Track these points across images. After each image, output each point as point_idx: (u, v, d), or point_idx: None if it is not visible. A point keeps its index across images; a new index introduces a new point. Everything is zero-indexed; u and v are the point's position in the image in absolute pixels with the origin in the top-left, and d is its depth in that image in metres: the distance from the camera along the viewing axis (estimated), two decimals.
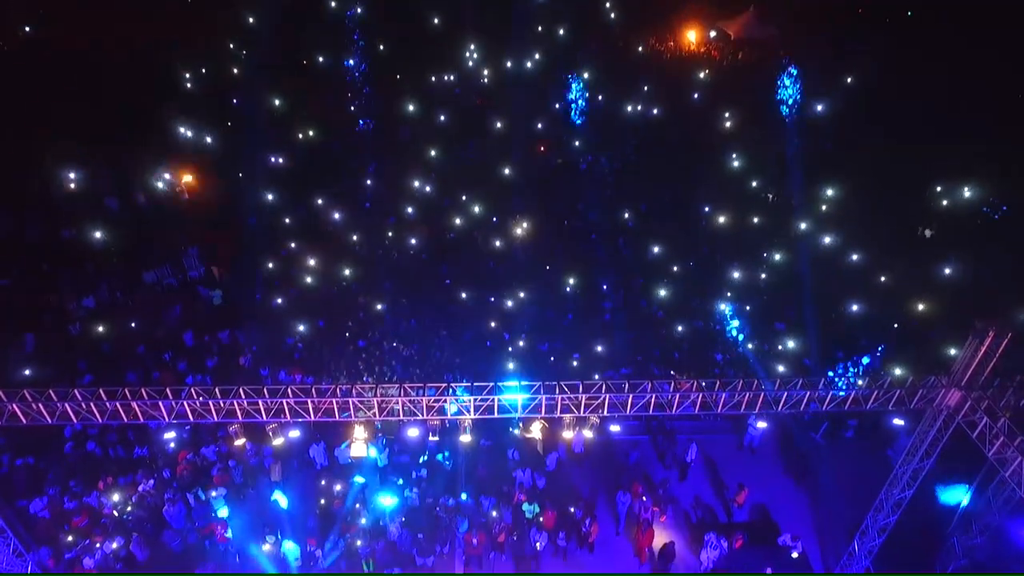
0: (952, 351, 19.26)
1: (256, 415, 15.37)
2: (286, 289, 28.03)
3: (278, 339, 25.87)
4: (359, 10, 53.21)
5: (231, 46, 47.99)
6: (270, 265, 29.31)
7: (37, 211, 30.98)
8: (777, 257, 29.44)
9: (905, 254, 29.04)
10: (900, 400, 15.43)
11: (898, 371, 20.30)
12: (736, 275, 28.43)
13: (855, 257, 28.87)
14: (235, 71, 45.46)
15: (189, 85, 43.16)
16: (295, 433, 18.56)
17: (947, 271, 27.09)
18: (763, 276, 28.96)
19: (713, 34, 54.18)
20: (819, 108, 39.74)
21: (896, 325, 26.01)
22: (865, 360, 24.01)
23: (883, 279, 27.98)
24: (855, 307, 26.51)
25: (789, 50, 47.04)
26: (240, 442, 16.85)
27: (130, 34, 44.36)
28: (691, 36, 54.12)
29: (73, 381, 22.55)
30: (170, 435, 20.57)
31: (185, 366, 24.70)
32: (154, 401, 14.79)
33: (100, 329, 25.41)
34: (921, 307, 25.94)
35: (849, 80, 42.97)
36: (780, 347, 25.63)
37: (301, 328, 25.81)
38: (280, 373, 24.69)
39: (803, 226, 31.17)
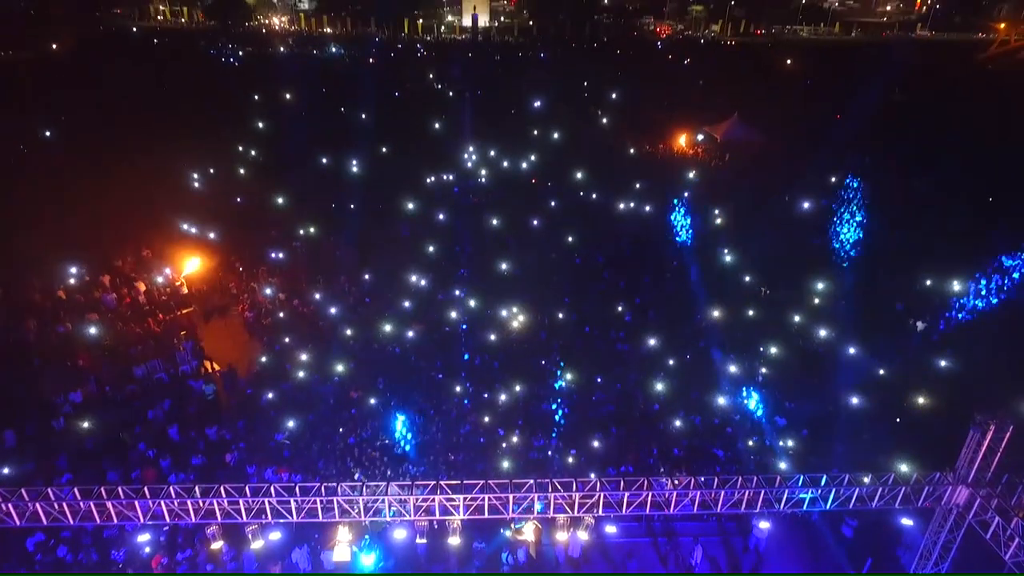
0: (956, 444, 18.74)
1: (236, 515, 14.72)
2: (278, 384, 27.65)
3: (267, 436, 25.18)
4: (364, 115, 56.63)
5: (240, 148, 50.48)
6: (263, 359, 29.18)
7: (34, 309, 31.22)
8: (774, 351, 29.37)
9: (902, 347, 29.09)
10: (906, 498, 14.87)
11: (903, 467, 19.64)
12: (733, 369, 28.25)
13: (852, 351, 28.84)
14: (241, 171, 47.47)
15: (197, 184, 44.89)
16: (276, 535, 17.62)
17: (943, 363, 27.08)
18: (762, 370, 28.73)
19: (700, 137, 57.21)
20: (805, 205, 41.17)
21: (898, 419, 25.49)
22: (868, 455, 23.27)
23: (882, 372, 27.79)
24: (855, 400, 26.13)
25: (773, 151, 49.40)
26: (217, 545, 16.01)
27: (141, 135, 46.85)
28: (680, 139, 57.15)
29: (50, 479, 21.72)
30: (144, 538, 19.48)
31: (169, 463, 23.86)
32: (130, 501, 14.20)
33: (84, 424, 24.78)
34: (922, 400, 25.61)
35: (833, 179, 44.87)
36: (782, 443, 24.98)
37: (291, 424, 25.18)
38: (267, 472, 23.79)
39: (797, 319, 31.39)
